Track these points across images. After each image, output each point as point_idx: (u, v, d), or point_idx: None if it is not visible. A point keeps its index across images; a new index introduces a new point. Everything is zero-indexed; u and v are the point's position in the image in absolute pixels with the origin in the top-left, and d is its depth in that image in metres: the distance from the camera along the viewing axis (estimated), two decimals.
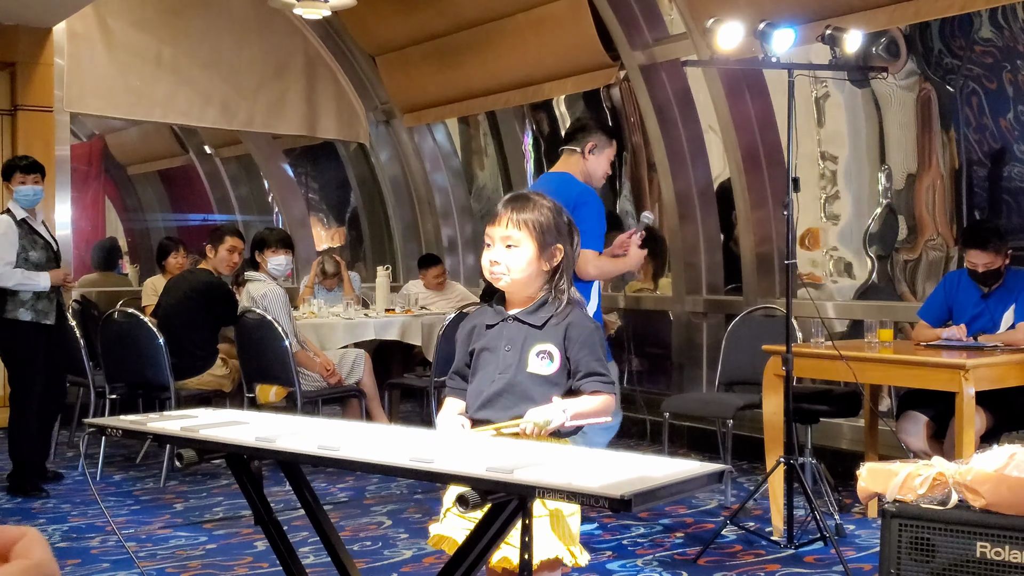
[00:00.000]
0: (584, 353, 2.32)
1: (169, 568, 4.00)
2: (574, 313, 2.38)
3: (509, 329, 2.38)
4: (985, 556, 2.44)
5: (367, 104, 8.59)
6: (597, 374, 2.32)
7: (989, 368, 3.91)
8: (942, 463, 2.61)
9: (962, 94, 5.29)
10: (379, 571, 3.90)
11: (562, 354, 2.33)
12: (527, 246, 2.35)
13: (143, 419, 2.23)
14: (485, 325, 2.44)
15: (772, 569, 3.90)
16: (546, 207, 2.38)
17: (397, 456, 1.84)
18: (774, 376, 4.30)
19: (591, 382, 2.32)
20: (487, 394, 2.35)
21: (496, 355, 2.38)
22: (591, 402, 2.29)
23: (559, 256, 2.39)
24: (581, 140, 4.49)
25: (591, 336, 2.35)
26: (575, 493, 1.60)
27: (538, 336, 2.35)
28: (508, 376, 2.33)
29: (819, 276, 6.18)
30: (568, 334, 2.33)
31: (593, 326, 2.38)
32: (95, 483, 5.47)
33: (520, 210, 2.36)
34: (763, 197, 6.09)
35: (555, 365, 2.32)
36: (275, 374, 5.55)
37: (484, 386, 2.38)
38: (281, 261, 5.81)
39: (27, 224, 5.14)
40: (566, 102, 7.69)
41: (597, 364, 2.33)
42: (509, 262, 2.35)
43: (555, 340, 2.34)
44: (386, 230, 9.26)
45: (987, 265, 4.36)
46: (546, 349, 2.33)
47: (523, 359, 2.34)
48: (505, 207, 2.37)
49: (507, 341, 2.37)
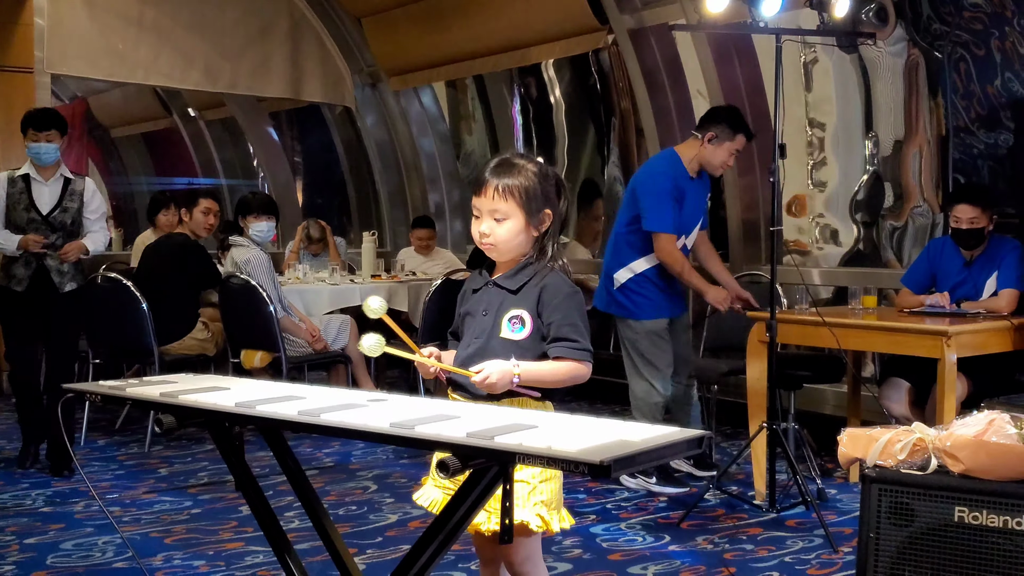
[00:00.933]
0: (556, 317, 2.29)
1: (153, 532, 4.00)
2: (550, 276, 2.34)
3: (489, 294, 2.37)
4: (963, 520, 2.47)
5: (353, 67, 8.52)
6: (566, 339, 2.27)
7: (971, 335, 3.93)
8: (922, 429, 2.62)
9: (950, 60, 5.27)
10: (364, 535, 3.92)
11: (534, 319, 2.30)
12: (515, 216, 2.32)
13: (123, 384, 2.22)
14: (472, 290, 2.44)
15: (754, 533, 3.93)
16: (531, 171, 2.33)
17: (378, 422, 1.84)
18: (758, 342, 4.32)
19: (557, 347, 2.28)
20: (462, 358, 2.36)
21: (475, 320, 2.38)
22: (550, 367, 2.25)
23: (548, 221, 2.36)
24: (704, 127, 4.63)
25: (565, 300, 2.30)
26: (554, 459, 1.60)
27: (513, 301, 2.33)
28: (481, 341, 2.32)
29: (805, 243, 6.18)
30: (541, 297, 2.31)
31: (569, 290, 2.33)
32: (79, 448, 5.46)
33: (505, 177, 2.32)
34: (750, 164, 6.08)
35: (526, 330, 2.30)
36: (260, 340, 5.54)
37: (462, 350, 2.38)
38: (263, 227, 5.77)
39: (24, 182, 4.85)
40: (554, 66, 7.64)
41: (568, 329, 2.28)
42: (498, 234, 2.33)
43: (528, 305, 2.31)
44: (372, 195, 9.21)
45: (971, 221, 4.35)
46: (518, 314, 2.31)
47: (497, 324, 2.33)
48: (491, 175, 2.33)
49: (485, 306, 2.36)
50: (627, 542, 3.84)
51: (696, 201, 4.64)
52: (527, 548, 2.32)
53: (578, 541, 3.84)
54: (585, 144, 7.64)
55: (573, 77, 7.60)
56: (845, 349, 4.26)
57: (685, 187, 4.55)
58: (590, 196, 7.64)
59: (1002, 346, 4.04)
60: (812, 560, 3.60)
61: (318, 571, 3.24)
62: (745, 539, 3.85)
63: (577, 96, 7.66)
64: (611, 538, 3.89)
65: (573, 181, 7.77)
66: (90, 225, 4.96)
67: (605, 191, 7.46)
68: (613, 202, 7.42)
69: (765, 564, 3.56)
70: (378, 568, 3.53)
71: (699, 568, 3.53)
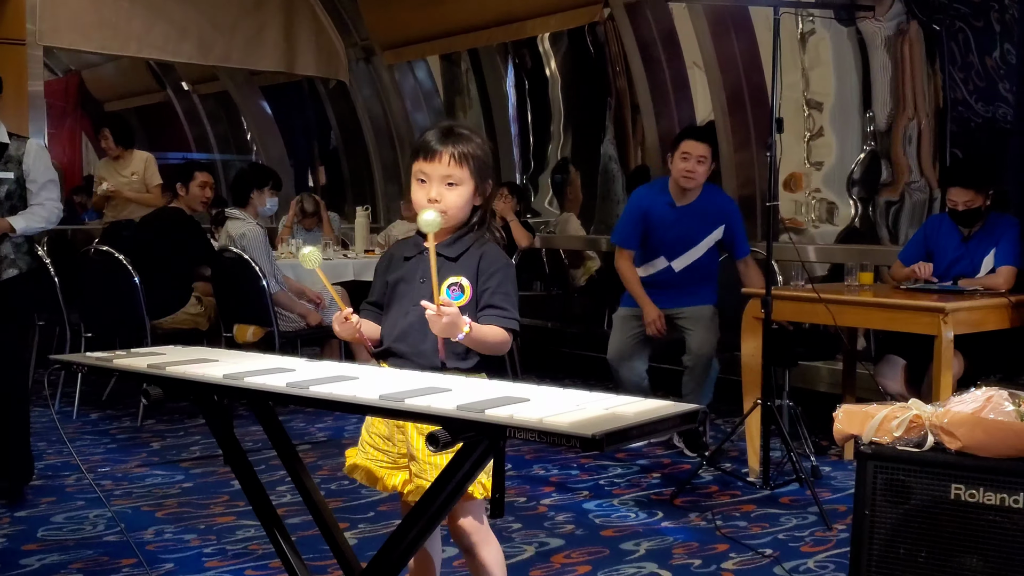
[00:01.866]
0: (491, 285, 2.30)
1: (145, 506, 3.98)
2: (488, 245, 2.36)
3: (425, 262, 2.34)
4: (960, 498, 2.44)
5: (347, 40, 8.44)
6: (498, 307, 2.29)
7: (968, 312, 3.91)
8: (919, 405, 2.60)
9: (949, 32, 5.22)
10: (357, 509, 3.90)
11: (474, 286, 2.31)
12: (467, 184, 2.32)
13: (109, 356, 2.19)
14: (403, 257, 2.41)
15: (748, 510, 3.91)
16: (478, 141, 2.35)
17: (367, 394, 1.81)
18: (753, 319, 4.29)
19: (488, 315, 2.29)
20: (401, 326, 2.33)
21: (411, 287, 2.35)
22: (489, 331, 2.27)
23: (489, 190, 2.38)
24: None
25: (501, 270, 2.32)
26: (546, 432, 1.57)
27: (452, 268, 2.32)
28: (421, 308, 2.29)
29: (801, 221, 6.15)
30: (480, 266, 2.31)
31: (505, 261, 2.35)
32: (71, 421, 5.44)
33: (460, 145, 2.31)
34: (747, 139, 6.03)
35: (465, 297, 2.29)
36: (253, 314, 5.50)
37: (399, 318, 2.35)
38: (273, 201, 5.88)
39: None
40: (550, 40, 7.57)
41: (500, 298, 2.30)
42: (448, 201, 2.32)
43: (468, 272, 2.31)
44: (366, 170, 9.15)
45: (967, 203, 4.32)
46: (457, 281, 2.30)
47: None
48: (443, 143, 2.31)
49: (422, 273, 2.34)
50: (620, 518, 3.83)
51: (674, 227, 4.73)
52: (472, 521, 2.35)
53: (571, 517, 3.83)
54: (581, 118, 7.59)
55: (569, 51, 7.54)
56: (841, 326, 4.23)
57: (658, 212, 4.74)
58: (585, 170, 7.60)
59: (999, 323, 4.02)
60: (806, 537, 3.59)
61: (309, 545, 3.22)
62: (739, 516, 3.84)
63: (573, 70, 7.60)
64: (604, 514, 3.88)
65: (568, 155, 7.72)
66: (32, 197, 4.18)
67: (601, 166, 7.41)
68: (608, 177, 7.38)
69: (759, 541, 3.55)
70: (370, 543, 3.51)
71: (692, 545, 3.52)
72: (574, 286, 7.55)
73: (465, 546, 2.38)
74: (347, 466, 2.44)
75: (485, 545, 2.38)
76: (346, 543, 2.14)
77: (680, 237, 4.75)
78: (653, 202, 4.78)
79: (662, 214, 4.75)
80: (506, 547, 3.41)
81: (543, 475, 4.44)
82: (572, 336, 7.31)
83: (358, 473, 2.41)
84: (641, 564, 3.32)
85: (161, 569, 3.29)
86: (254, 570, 3.28)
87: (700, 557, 3.40)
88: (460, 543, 2.39)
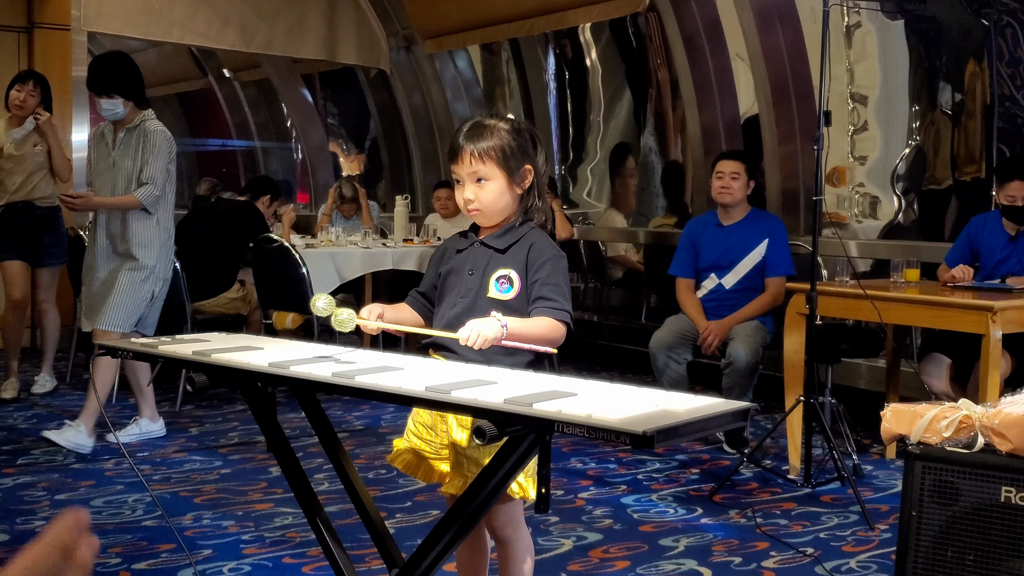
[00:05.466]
0: (540, 275, 2.25)
1: (183, 492, 4.00)
2: (537, 235, 2.31)
3: (475, 254, 2.32)
4: (1010, 501, 2.39)
5: (388, 29, 8.44)
6: (547, 299, 2.24)
7: (1017, 311, 3.83)
8: (969, 406, 2.54)
9: (996, 27, 5.12)
10: (393, 499, 3.90)
11: (523, 279, 2.27)
12: (496, 177, 2.28)
13: (154, 342, 2.19)
14: (456, 250, 2.40)
15: (788, 508, 3.87)
16: (504, 130, 2.30)
17: (413, 385, 1.79)
18: (796, 314, 4.24)
19: (539, 307, 2.24)
20: (448, 318, 2.30)
21: (460, 279, 2.33)
22: (533, 323, 2.21)
23: (530, 177, 2.33)
24: None
25: (550, 261, 2.27)
26: (595, 428, 1.55)
27: (500, 261, 2.29)
28: (468, 300, 2.28)
29: (844, 215, 6.07)
30: (528, 257, 2.27)
31: (554, 252, 2.30)
32: (111, 405, 5.48)
33: (478, 141, 2.28)
34: (791, 132, 5.96)
35: (514, 290, 2.26)
36: (292, 301, 5.52)
37: (446, 310, 2.33)
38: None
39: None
40: (591, 30, 7.52)
41: (550, 289, 2.24)
42: (482, 198, 2.29)
43: (517, 264, 2.28)
44: (405, 159, 9.15)
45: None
46: (506, 274, 2.27)
47: (484, 284, 2.29)
48: (464, 141, 2.29)
49: (471, 265, 2.32)
50: (658, 513, 3.80)
51: (721, 245, 4.91)
52: (507, 512, 2.32)
53: (609, 511, 3.80)
54: (621, 110, 7.53)
55: (610, 41, 7.48)
56: (887, 323, 4.17)
57: (707, 235, 4.96)
58: (625, 162, 7.54)
59: None
60: (848, 537, 3.54)
61: (347, 533, 3.22)
62: (779, 514, 3.79)
63: (614, 61, 7.54)
64: (642, 509, 3.85)
65: (607, 148, 7.67)
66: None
67: (640, 159, 7.36)
68: (648, 169, 7.33)
69: (799, 540, 3.50)
70: (407, 532, 3.51)
71: (732, 542, 3.48)
72: (611, 278, 7.51)
73: (499, 537, 2.37)
74: (391, 454, 2.43)
75: (518, 538, 2.36)
76: (387, 532, 2.13)
77: (727, 254, 4.91)
78: (702, 228, 5.02)
79: (710, 236, 4.96)
80: (544, 540, 3.40)
81: (581, 468, 4.41)
82: (609, 328, 7.28)
83: (399, 461, 2.39)
84: (680, 561, 3.29)
85: (199, 555, 3.30)
86: (292, 557, 3.28)
87: (740, 555, 3.36)
88: (494, 534, 2.38)
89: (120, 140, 4.63)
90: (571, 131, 7.94)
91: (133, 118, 4.63)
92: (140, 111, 4.65)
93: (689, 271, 4.98)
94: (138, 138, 4.59)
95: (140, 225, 4.58)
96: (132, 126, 4.63)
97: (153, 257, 4.59)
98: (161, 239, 4.63)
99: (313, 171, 9.89)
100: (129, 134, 4.62)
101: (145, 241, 4.58)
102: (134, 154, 4.59)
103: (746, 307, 4.79)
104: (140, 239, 4.58)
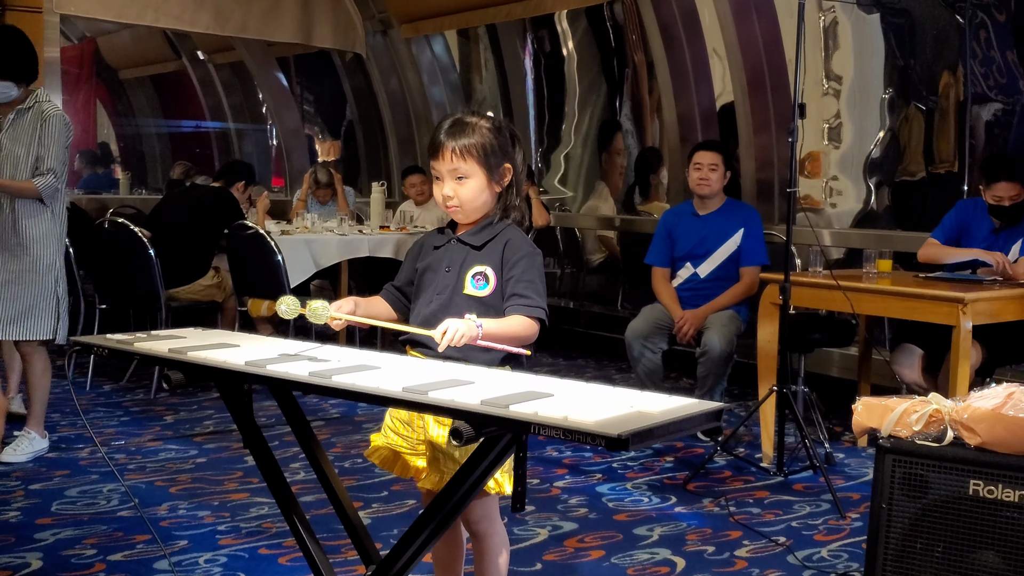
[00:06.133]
0: (515, 273, 2.26)
1: (158, 481, 4.00)
2: (513, 232, 2.32)
3: (452, 250, 2.33)
4: (978, 494, 2.43)
5: (364, 13, 8.40)
6: (522, 296, 2.24)
7: (987, 302, 3.87)
8: (939, 400, 2.58)
9: (971, 25, 5.17)
10: (369, 488, 3.91)
11: (498, 276, 2.28)
12: (476, 175, 2.29)
13: (130, 338, 2.18)
14: (433, 246, 2.40)
15: (761, 496, 3.91)
16: (485, 128, 2.30)
17: (391, 385, 1.80)
18: (770, 304, 4.27)
19: (513, 305, 2.25)
20: (424, 315, 2.31)
21: (437, 276, 2.34)
22: (508, 323, 2.22)
23: (509, 175, 2.34)
24: None
25: (525, 258, 2.28)
26: (571, 430, 1.57)
27: (477, 257, 2.30)
28: (444, 297, 2.28)
29: (818, 200, 6.11)
30: (504, 254, 2.28)
31: (530, 249, 2.31)
32: (84, 393, 5.46)
33: (459, 138, 2.28)
34: (766, 121, 5.99)
35: (490, 287, 2.27)
36: (267, 289, 5.51)
37: (422, 307, 2.34)
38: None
39: None
40: (568, 18, 7.51)
41: (524, 287, 2.25)
42: (461, 195, 2.30)
43: (492, 261, 2.29)
44: (382, 144, 9.13)
45: (1013, 199, 4.27)
46: (482, 271, 2.28)
47: (460, 280, 2.29)
48: (445, 137, 2.29)
49: (448, 262, 2.33)
50: (633, 502, 3.83)
51: (696, 234, 4.94)
52: (483, 507, 2.35)
53: (584, 500, 3.83)
54: (597, 98, 7.54)
55: (587, 29, 7.48)
56: (859, 313, 4.21)
57: (682, 224, 4.98)
58: (599, 152, 7.56)
59: (1018, 314, 3.98)
60: (819, 526, 3.59)
61: (324, 524, 3.23)
62: (752, 502, 3.84)
63: (590, 49, 7.54)
64: (617, 498, 3.88)
65: (582, 135, 7.68)
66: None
67: (614, 147, 7.37)
68: (624, 161, 7.35)
69: (772, 529, 3.55)
70: (383, 522, 3.52)
71: (705, 531, 3.52)
72: (588, 264, 7.53)
73: (474, 531, 2.39)
74: (368, 449, 2.44)
75: (494, 533, 2.38)
76: (364, 528, 2.14)
77: (703, 243, 4.93)
78: (678, 218, 5.04)
79: (686, 225, 4.98)
80: (519, 530, 3.42)
81: (556, 457, 4.44)
82: (587, 316, 7.30)
83: (376, 456, 2.41)
84: (655, 550, 3.32)
85: (175, 546, 3.30)
86: (268, 548, 3.29)
87: (713, 544, 3.40)
88: (469, 528, 2.40)
89: (9, 122, 4.18)
90: (547, 118, 7.94)
91: (25, 98, 4.18)
92: (31, 91, 4.20)
93: (665, 260, 5.01)
94: (32, 121, 4.15)
95: (34, 220, 4.18)
96: (24, 107, 4.18)
97: (52, 253, 4.23)
98: (56, 233, 4.25)
99: (288, 155, 9.85)
100: (20, 116, 4.18)
101: (40, 236, 4.19)
102: (28, 140, 4.15)
103: (721, 296, 4.81)
104: (36, 234, 4.19)
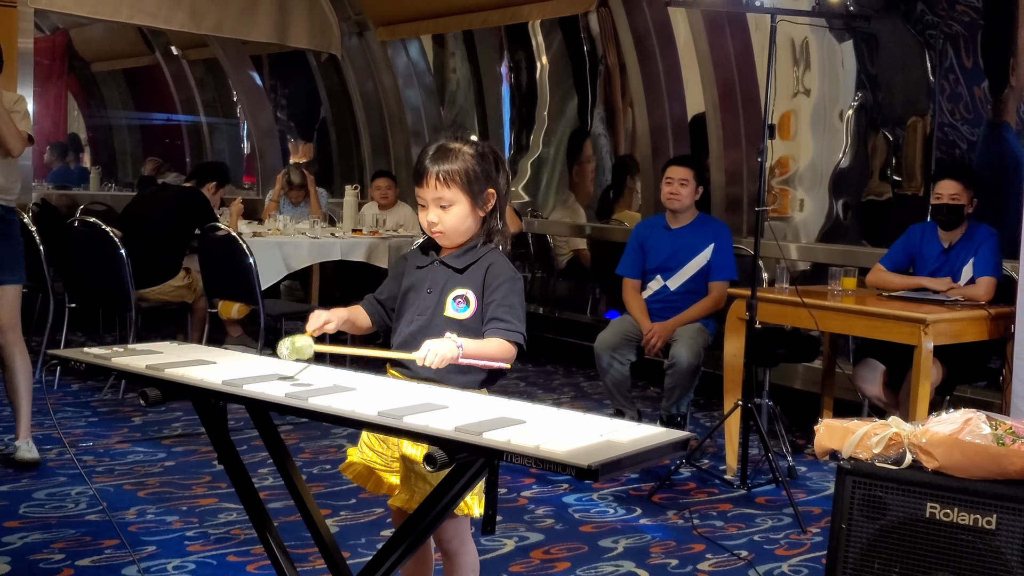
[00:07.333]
0: (496, 297, 2.30)
1: (127, 485, 4.01)
2: (495, 257, 2.36)
3: (434, 272, 2.36)
4: (935, 516, 2.50)
5: (340, 14, 8.40)
6: (502, 320, 2.28)
7: (948, 323, 3.97)
8: (899, 423, 2.65)
9: (937, 44, 5.27)
10: (338, 495, 3.94)
11: (479, 299, 2.32)
12: (460, 202, 2.32)
13: (108, 353, 2.21)
14: (416, 265, 2.43)
15: (724, 509, 3.98)
16: (468, 154, 2.33)
17: (366, 409, 1.84)
18: (737, 319, 4.34)
19: (493, 328, 2.28)
20: (404, 335, 2.35)
21: (419, 297, 2.37)
22: (487, 345, 2.25)
23: (492, 200, 2.38)
24: None
25: (506, 283, 2.32)
26: (542, 459, 1.61)
27: (458, 280, 2.34)
28: (425, 319, 2.32)
29: (786, 208, 6.20)
30: (485, 279, 2.32)
31: (511, 273, 2.35)
32: (52, 392, 5.44)
33: (443, 164, 2.31)
34: (736, 135, 6.07)
35: (470, 310, 2.31)
36: (238, 291, 5.52)
37: (404, 327, 2.37)
38: None
39: None
40: (543, 29, 7.56)
41: (505, 311, 2.29)
42: (446, 222, 2.33)
43: (474, 285, 2.32)
44: (355, 145, 9.13)
45: (953, 197, 4.37)
46: (463, 294, 2.32)
47: (441, 302, 2.33)
48: (430, 164, 2.33)
49: (430, 284, 2.36)
50: (598, 513, 3.88)
51: (667, 248, 5.00)
52: (455, 527, 2.38)
53: (551, 511, 3.88)
54: (570, 109, 7.60)
55: (562, 40, 7.54)
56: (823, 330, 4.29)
57: (654, 237, 5.04)
58: (571, 164, 7.62)
59: (978, 335, 4.08)
60: (781, 540, 3.66)
61: (292, 532, 3.26)
62: (715, 515, 3.90)
63: (563, 59, 7.60)
64: (583, 508, 3.94)
65: (555, 147, 7.74)
66: None
67: (585, 159, 7.44)
68: (596, 169, 7.41)
69: (734, 542, 3.61)
70: (351, 531, 3.55)
71: (669, 544, 3.58)
72: (557, 269, 7.58)
73: (445, 551, 2.42)
74: (344, 463, 2.47)
75: (464, 552, 2.42)
76: (336, 547, 2.17)
77: (673, 256, 4.98)
78: (650, 230, 5.10)
79: (658, 238, 5.04)
80: (486, 540, 3.47)
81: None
82: (556, 321, 7.35)
83: (351, 471, 2.44)
84: (619, 563, 3.38)
85: (144, 551, 3.31)
86: (236, 556, 3.31)
87: (677, 557, 3.46)
88: (441, 547, 2.43)
89: None
90: (518, 124, 8.00)
91: None
92: None
93: (636, 272, 5.07)
94: None
95: None
96: None
97: None
98: None
99: (261, 154, 9.83)
100: None
101: None
102: None
103: (689, 310, 4.87)
104: None
